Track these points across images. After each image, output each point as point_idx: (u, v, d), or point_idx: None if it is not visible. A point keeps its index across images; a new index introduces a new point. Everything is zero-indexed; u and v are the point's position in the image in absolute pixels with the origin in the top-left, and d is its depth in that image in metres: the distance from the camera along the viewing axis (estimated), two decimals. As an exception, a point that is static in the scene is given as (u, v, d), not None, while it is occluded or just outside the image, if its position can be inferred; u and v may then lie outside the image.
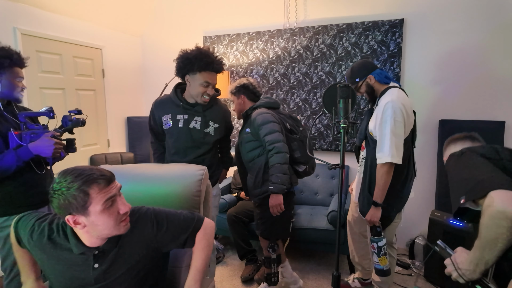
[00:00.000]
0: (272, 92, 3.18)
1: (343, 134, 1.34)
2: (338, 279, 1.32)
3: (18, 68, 1.56)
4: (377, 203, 1.73)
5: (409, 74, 2.77)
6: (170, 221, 1.11)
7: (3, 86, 1.51)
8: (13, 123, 1.57)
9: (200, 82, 1.74)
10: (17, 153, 1.46)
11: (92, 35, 3.06)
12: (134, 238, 1.06)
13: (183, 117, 1.82)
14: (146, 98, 3.79)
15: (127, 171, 1.39)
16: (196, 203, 1.30)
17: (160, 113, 1.87)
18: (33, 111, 1.70)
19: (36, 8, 2.52)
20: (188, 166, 1.40)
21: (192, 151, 1.85)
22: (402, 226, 2.91)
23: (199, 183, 1.30)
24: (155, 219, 1.10)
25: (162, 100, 1.91)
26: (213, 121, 1.87)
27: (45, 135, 1.52)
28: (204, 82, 1.74)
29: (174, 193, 1.29)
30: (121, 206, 0.98)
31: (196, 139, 1.84)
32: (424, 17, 2.67)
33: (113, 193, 0.96)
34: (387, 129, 1.66)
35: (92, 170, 0.95)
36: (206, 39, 3.35)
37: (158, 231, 1.08)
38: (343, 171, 1.40)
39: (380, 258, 1.63)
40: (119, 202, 0.98)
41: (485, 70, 2.56)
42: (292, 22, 3.07)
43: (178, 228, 1.11)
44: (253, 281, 2.41)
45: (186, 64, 1.73)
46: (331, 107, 1.49)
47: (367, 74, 1.81)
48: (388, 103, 1.66)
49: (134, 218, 1.07)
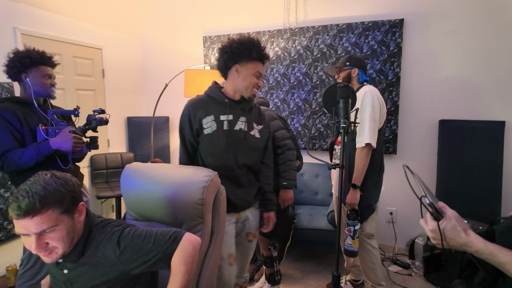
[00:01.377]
0: (272, 92, 3.18)
1: (343, 134, 1.34)
2: (338, 279, 1.32)
3: (44, 66, 1.66)
4: (355, 185, 1.85)
5: (409, 74, 2.77)
6: (135, 243, 1.00)
7: (32, 85, 1.63)
8: (43, 120, 1.68)
9: (253, 71, 1.54)
10: (38, 147, 1.55)
11: (92, 35, 3.06)
12: (95, 258, 1.01)
13: (228, 117, 1.53)
14: (146, 98, 3.79)
15: (133, 170, 1.38)
16: (198, 212, 1.20)
17: (201, 115, 1.52)
18: (62, 109, 1.83)
19: (36, 8, 2.52)
20: (196, 170, 1.29)
21: (241, 159, 1.55)
22: (402, 226, 2.92)
23: (202, 190, 1.20)
24: (117, 240, 1.00)
25: (199, 100, 1.59)
26: (256, 123, 1.61)
27: (63, 130, 1.61)
28: (257, 72, 1.55)
29: (176, 199, 1.22)
30: (29, 245, 0.88)
31: (246, 144, 1.55)
32: (424, 17, 2.67)
33: (21, 232, 0.86)
34: (366, 114, 1.83)
35: (17, 193, 0.87)
36: (206, 39, 3.35)
37: (120, 253, 0.99)
38: (343, 171, 1.40)
39: (354, 240, 1.70)
40: (30, 241, 0.88)
41: (485, 70, 2.56)
42: (292, 22, 3.07)
43: (145, 251, 1.00)
44: (253, 281, 2.41)
45: (242, 51, 1.51)
46: (331, 107, 1.49)
47: (356, 66, 1.98)
48: (366, 92, 1.86)
49: (100, 237, 1.01)
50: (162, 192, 1.25)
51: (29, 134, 1.60)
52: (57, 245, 0.91)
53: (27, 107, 1.65)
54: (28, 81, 1.62)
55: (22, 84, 1.66)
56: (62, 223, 0.91)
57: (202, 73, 2.99)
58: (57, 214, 0.89)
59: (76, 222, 0.97)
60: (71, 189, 0.94)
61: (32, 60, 1.61)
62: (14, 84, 2.32)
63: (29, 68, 1.62)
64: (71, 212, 0.94)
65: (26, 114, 1.62)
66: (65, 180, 0.94)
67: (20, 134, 1.58)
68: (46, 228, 0.87)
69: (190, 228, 1.23)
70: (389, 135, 2.83)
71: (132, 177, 1.35)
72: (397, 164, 2.85)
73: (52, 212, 0.88)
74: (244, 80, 1.53)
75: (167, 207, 1.25)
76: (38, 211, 0.85)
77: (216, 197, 1.28)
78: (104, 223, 1.06)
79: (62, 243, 0.92)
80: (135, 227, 1.07)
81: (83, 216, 1.00)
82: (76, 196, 0.96)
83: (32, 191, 0.86)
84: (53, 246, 0.91)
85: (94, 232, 1.03)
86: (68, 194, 0.92)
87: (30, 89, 1.63)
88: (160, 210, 1.28)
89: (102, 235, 1.02)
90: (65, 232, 0.92)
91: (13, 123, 1.56)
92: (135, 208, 1.36)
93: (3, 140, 1.54)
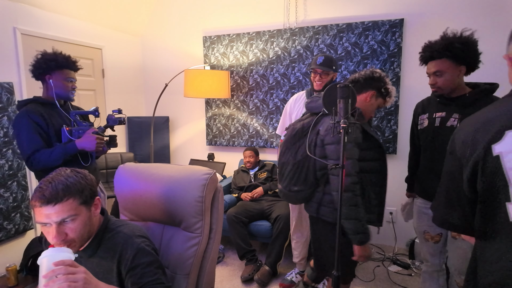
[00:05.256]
0: (272, 92, 3.18)
1: (343, 134, 1.34)
2: (338, 279, 1.32)
3: (68, 70, 1.77)
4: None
5: (409, 74, 2.77)
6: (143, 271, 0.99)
7: (54, 87, 1.74)
8: (66, 120, 1.80)
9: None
10: (65, 147, 1.67)
11: (92, 35, 3.06)
12: (106, 255, 1.03)
13: (442, 114, 1.59)
14: (146, 98, 3.79)
15: (133, 169, 1.39)
16: (198, 209, 1.23)
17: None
18: (83, 110, 1.92)
19: (36, 8, 2.52)
20: (196, 168, 1.31)
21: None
22: (402, 226, 2.92)
23: (202, 188, 1.22)
24: (134, 255, 1.00)
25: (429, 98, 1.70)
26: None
27: (87, 132, 1.73)
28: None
29: (175, 197, 1.24)
30: (48, 235, 0.92)
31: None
32: (424, 17, 2.67)
33: (43, 221, 0.90)
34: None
35: (41, 184, 0.92)
36: (206, 39, 3.35)
37: (126, 266, 1.00)
38: (343, 171, 1.40)
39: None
40: (50, 231, 0.91)
41: (485, 70, 2.56)
42: (292, 22, 3.07)
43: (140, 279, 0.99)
44: (253, 281, 2.41)
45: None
46: (331, 107, 1.49)
47: (337, 71, 2.06)
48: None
49: (118, 240, 1.03)
50: (160, 191, 1.26)
51: (54, 135, 1.72)
52: (75, 237, 0.95)
53: (50, 108, 1.76)
54: (51, 82, 1.73)
55: (45, 85, 1.77)
56: (81, 213, 0.95)
57: (202, 73, 2.99)
58: (77, 204, 0.94)
59: (93, 215, 1.01)
60: (90, 183, 1.00)
61: (58, 63, 1.71)
62: (14, 84, 2.33)
63: (54, 71, 1.73)
64: (89, 205, 0.99)
65: (50, 115, 1.73)
66: (84, 174, 1.01)
67: (46, 134, 1.70)
68: (66, 217, 0.91)
69: (189, 226, 1.24)
70: (389, 135, 2.83)
71: (127, 177, 1.35)
72: (397, 164, 2.85)
73: (72, 202, 0.93)
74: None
75: (166, 206, 1.26)
76: (60, 199, 0.90)
77: (214, 194, 1.30)
78: (124, 225, 1.09)
79: (80, 235, 0.96)
80: (155, 259, 1.05)
81: (98, 210, 1.05)
82: (94, 190, 1.02)
83: (55, 181, 0.92)
84: (71, 238, 0.94)
85: (109, 228, 1.07)
86: (87, 187, 0.98)
87: (52, 90, 1.74)
88: (157, 209, 1.28)
89: (122, 239, 1.03)
90: (83, 224, 0.96)
91: (41, 124, 1.68)
92: (130, 208, 1.36)
93: (32, 140, 1.65)
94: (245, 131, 3.35)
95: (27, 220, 2.42)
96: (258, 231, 2.62)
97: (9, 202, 2.28)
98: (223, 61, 3.33)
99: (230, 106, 3.38)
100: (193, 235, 1.24)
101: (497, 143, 0.68)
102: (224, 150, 3.52)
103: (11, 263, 2.12)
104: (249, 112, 3.31)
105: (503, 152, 0.67)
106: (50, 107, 1.76)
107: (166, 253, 1.28)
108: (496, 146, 0.69)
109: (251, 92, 3.27)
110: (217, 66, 3.36)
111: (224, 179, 3.28)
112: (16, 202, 2.33)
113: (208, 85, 2.97)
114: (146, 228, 1.34)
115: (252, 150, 3.04)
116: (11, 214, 2.29)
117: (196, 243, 1.24)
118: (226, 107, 3.40)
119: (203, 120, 3.55)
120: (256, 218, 2.68)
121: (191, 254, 1.23)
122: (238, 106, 3.35)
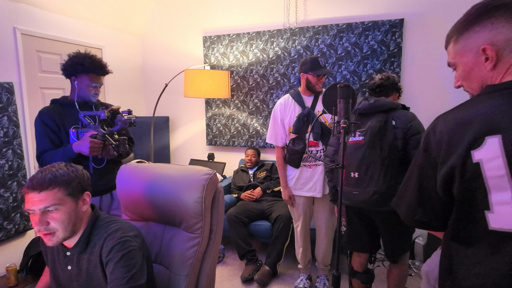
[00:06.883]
0: (272, 92, 3.18)
1: (343, 134, 1.34)
2: (338, 279, 1.32)
3: (93, 75, 1.76)
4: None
5: (409, 74, 2.77)
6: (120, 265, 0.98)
7: (78, 89, 1.76)
8: (79, 121, 1.78)
9: None
10: (64, 150, 1.66)
11: (92, 35, 3.06)
12: (93, 250, 1.04)
13: None
14: (146, 98, 3.79)
15: (129, 170, 1.39)
16: (198, 210, 1.21)
17: None
18: (92, 111, 1.87)
19: (36, 8, 2.52)
20: (196, 168, 1.30)
21: None
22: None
23: (202, 188, 1.21)
24: (110, 248, 1.00)
25: None
26: None
27: (85, 135, 1.67)
28: None
29: (175, 198, 1.23)
30: (34, 223, 0.94)
31: None
32: (424, 17, 2.67)
33: (28, 207, 0.93)
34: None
35: (34, 174, 0.97)
36: (206, 39, 3.35)
37: (105, 258, 1.00)
38: (343, 171, 1.40)
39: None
40: (34, 219, 0.94)
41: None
42: (292, 22, 3.07)
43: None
44: (253, 281, 2.41)
45: None
46: (331, 107, 1.49)
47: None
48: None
49: (102, 233, 1.04)
50: (160, 191, 1.26)
51: (65, 136, 1.74)
52: (58, 227, 0.96)
53: (70, 108, 1.78)
54: (76, 84, 1.76)
55: (72, 85, 1.80)
56: (65, 204, 0.97)
57: (202, 73, 2.99)
58: (62, 194, 0.96)
59: (79, 209, 1.02)
60: (80, 177, 1.02)
61: (84, 67, 1.73)
62: (14, 84, 2.33)
63: (79, 73, 1.75)
64: (76, 198, 1.00)
65: (66, 116, 1.75)
66: (76, 169, 1.03)
67: (56, 135, 1.72)
68: (50, 205, 0.94)
69: (189, 226, 1.24)
70: (389, 135, 2.83)
71: (129, 177, 1.35)
72: (397, 164, 2.85)
73: (58, 191, 0.95)
74: None
75: (166, 206, 1.25)
76: (46, 187, 0.93)
77: (214, 195, 1.29)
78: (113, 222, 1.09)
79: (63, 225, 0.97)
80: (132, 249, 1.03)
81: (86, 206, 1.05)
82: (83, 184, 1.03)
83: (45, 171, 0.97)
84: (54, 227, 0.96)
85: (98, 224, 1.07)
86: (76, 180, 1.00)
87: (75, 92, 1.77)
88: (158, 210, 1.28)
89: (107, 233, 1.04)
90: (67, 216, 0.97)
91: (51, 126, 1.70)
92: (132, 208, 1.36)
93: (41, 142, 1.70)
94: (245, 131, 3.35)
95: (27, 220, 2.42)
96: (258, 231, 2.62)
97: (9, 202, 2.28)
98: (223, 61, 3.33)
99: (230, 106, 3.38)
100: (193, 235, 1.24)
101: (477, 149, 0.66)
102: (224, 150, 3.52)
103: (11, 263, 2.12)
104: (249, 112, 3.31)
105: (483, 159, 0.65)
106: (69, 107, 1.78)
107: (167, 253, 1.27)
108: (475, 152, 0.66)
109: (251, 92, 3.27)
110: (217, 66, 3.36)
111: (224, 179, 3.28)
112: (16, 202, 2.33)
113: (208, 85, 2.97)
114: (147, 228, 1.34)
115: (255, 150, 3.07)
116: (11, 214, 2.29)
117: (196, 244, 1.23)
118: (226, 107, 3.40)
119: (203, 120, 3.55)
120: (256, 218, 2.69)
121: (191, 255, 1.23)
122: (238, 106, 3.35)
